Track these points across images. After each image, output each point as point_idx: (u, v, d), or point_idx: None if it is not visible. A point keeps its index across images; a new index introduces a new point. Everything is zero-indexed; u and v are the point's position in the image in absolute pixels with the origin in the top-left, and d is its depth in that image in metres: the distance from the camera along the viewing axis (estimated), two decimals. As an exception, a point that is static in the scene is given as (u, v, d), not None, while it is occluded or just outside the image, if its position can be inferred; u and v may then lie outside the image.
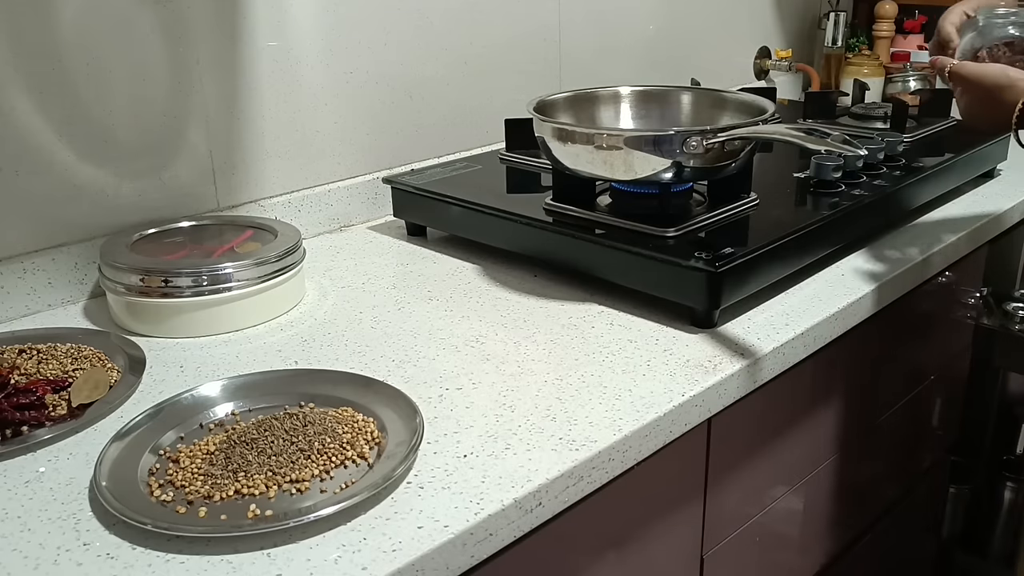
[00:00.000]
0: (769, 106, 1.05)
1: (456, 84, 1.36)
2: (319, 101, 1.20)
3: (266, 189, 1.17)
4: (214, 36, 1.08)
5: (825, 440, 1.10)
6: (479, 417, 0.75)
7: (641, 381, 0.81)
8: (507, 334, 0.91)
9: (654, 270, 0.92)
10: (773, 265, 0.96)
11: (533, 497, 0.67)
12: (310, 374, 0.82)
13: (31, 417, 0.75)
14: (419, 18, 1.28)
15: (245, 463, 0.68)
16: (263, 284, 0.94)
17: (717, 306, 0.90)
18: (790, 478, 1.06)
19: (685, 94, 1.18)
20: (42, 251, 0.99)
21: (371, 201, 1.27)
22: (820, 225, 1.01)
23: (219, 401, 0.78)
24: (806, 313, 0.93)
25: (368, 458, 0.69)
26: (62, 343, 0.87)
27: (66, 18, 0.96)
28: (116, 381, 0.82)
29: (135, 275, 0.92)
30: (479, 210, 1.08)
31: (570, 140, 0.99)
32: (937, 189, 1.23)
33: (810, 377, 1.00)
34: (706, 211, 1.02)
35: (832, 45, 1.88)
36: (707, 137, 0.93)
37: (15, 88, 0.94)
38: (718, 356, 0.85)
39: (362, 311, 0.97)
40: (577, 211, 1.03)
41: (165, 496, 0.65)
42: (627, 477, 0.76)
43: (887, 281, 1.02)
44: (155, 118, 1.05)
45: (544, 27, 1.46)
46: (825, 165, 1.11)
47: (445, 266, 1.09)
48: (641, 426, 0.74)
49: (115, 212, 1.04)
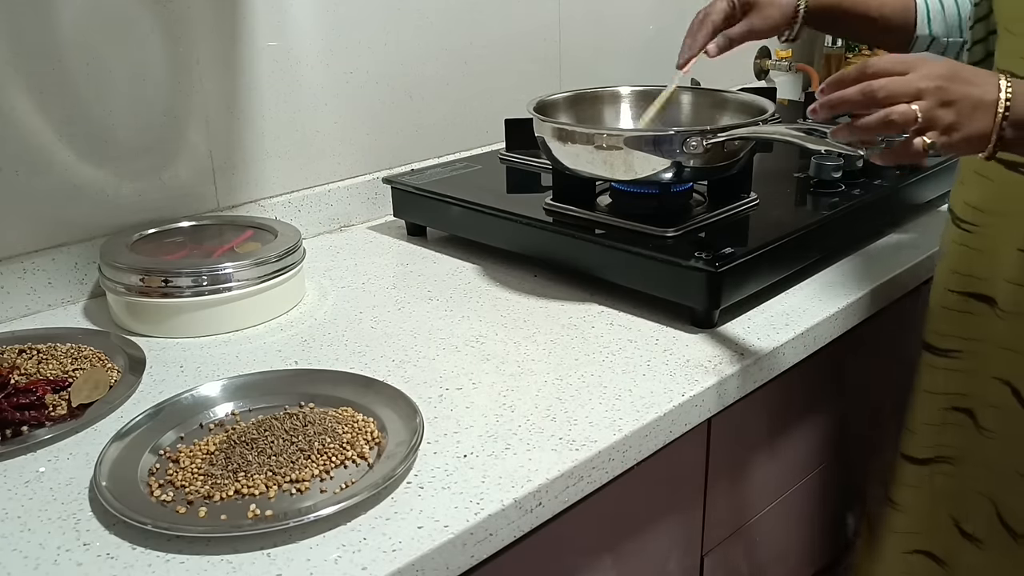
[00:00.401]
0: (769, 106, 1.05)
1: (456, 84, 1.36)
2: (319, 101, 1.20)
3: (266, 189, 1.17)
4: (214, 36, 1.08)
5: (825, 440, 1.10)
6: (479, 417, 0.75)
7: (641, 381, 0.81)
8: (507, 334, 0.90)
9: (654, 270, 0.92)
10: (773, 265, 0.96)
11: (533, 497, 0.67)
12: (310, 374, 0.82)
13: (31, 417, 0.75)
14: (419, 18, 1.28)
15: (245, 463, 0.68)
16: (263, 284, 0.94)
17: (717, 306, 0.90)
18: (790, 478, 1.06)
19: (685, 94, 1.18)
20: (42, 251, 0.99)
21: (371, 201, 1.27)
22: (820, 225, 1.01)
23: (219, 401, 0.78)
24: (806, 313, 0.93)
25: (368, 458, 0.69)
26: (62, 343, 0.87)
27: (66, 18, 0.96)
28: (116, 381, 0.82)
29: (135, 275, 0.92)
30: (479, 210, 1.08)
31: (570, 140, 0.99)
32: (937, 189, 1.23)
33: (810, 377, 1.00)
34: (706, 211, 1.02)
35: (832, 45, 1.88)
36: (707, 137, 0.93)
37: (15, 88, 0.94)
38: (718, 356, 0.85)
39: (362, 311, 0.97)
40: (577, 211, 1.03)
41: (165, 496, 0.65)
42: (627, 477, 0.76)
43: (887, 281, 1.02)
44: (155, 118, 1.05)
45: (544, 27, 1.46)
46: (825, 165, 1.11)
47: (445, 266, 1.09)
48: (641, 426, 0.74)
49: (115, 212, 1.04)
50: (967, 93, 0.68)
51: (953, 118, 0.68)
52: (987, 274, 0.90)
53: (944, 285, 0.96)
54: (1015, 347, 0.89)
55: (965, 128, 0.68)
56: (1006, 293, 0.88)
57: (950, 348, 0.96)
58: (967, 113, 0.68)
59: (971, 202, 0.91)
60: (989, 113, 0.68)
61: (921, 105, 0.67)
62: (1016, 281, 0.86)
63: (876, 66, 0.69)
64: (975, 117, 0.68)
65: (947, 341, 0.96)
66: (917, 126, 0.67)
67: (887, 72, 0.68)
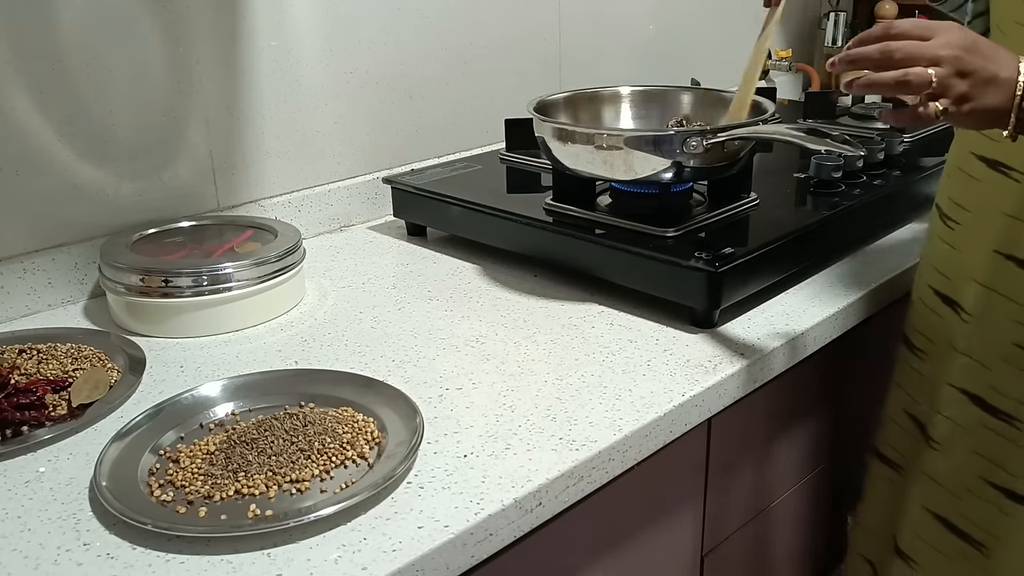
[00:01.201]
0: (769, 106, 1.05)
1: (456, 84, 1.36)
2: (319, 101, 1.20)
3: (266, 189, 1.17)
4: (214, 36, 1.08)
5: (825, 440, 1.10)
6: (479, 417, 0.75)
7: (641, 381, 0.81)
8: (507, 334, 0.91)
9: (654, 270, 0.92)
10: (773, 265, 0.96)
11: (533, 497, 0.67)
12: (310, 374, 0.82)
13: (31, 417, 0.75)
14: (419, 18, 1.28)
15: (245, 463, 0.68)
16: (263, 284, 0.94)
17: (717, 306, 0.90)
18: (790, 478, 1.06)
19: (685, 94, 1.18)
20: (42, 251, 0.99)
21: (371, 201, 1.27)
22: (820, 225, 1.01)
23: (219, 401, 0.78)
24: (806, 313, 0.93)
25: (368, 458, 0.69)
26: (62, 343, 0.87)
27: (66, 18, 0.96)
28: (116, 381, 0.82)
29: (135, 275, 0.92)
30: (479, 210, 1.08)
31: (570, 140, 0.99)
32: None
33: (810, 377, 1.00)
34: (706, 211, 1.02)
35: (832, 45, 1.88)
36: (707, 137, 0.93)
37: (15, 88, 0.94)
38: (718, 356, 0.85)
39: (362, 311, 0.97)
40: (577, 211, 1.03)
41: (165, 496, 0.65)
42: (627, 477, 0.76)
43: (887, 281, 1.02)
44: (155, 118, 1.05)
45: (544, 27, 1.46)
46: (825, 165, 1.11)
47: (445, 266, 1.09)
48: (641, 426, 0.74)
49: (115, 212, 1.04)
50: (983, 67, 0.68)
51: (966, 89, 0.68)
52: (958, 274, 0.89)
53: (926, 280, 0.95)
54: (974, 354, 0.87)
55: (977, 100, 0.69)
56: (973, 295, 0.87)
57: (918, 346, 0.96)
58: (980, 86, 0.68)
59: (954, 197, 0.90)
60: (1003, 90, 0.69)
61: (937, 71, 0.68)
62: (986, 283, 0.85)
63: (899, 27, 0.70)
64: (988, 92, 0.69)
65: (918, 338, 0.96)
66: (931, 91, 0.68)
67: (909, 35, 0.69)
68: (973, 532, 0.89)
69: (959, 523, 0.90)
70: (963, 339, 0.88)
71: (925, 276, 0.95)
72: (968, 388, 0.88)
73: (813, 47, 2.04)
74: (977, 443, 0.87)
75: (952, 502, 0.90)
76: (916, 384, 0.96)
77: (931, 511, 0.92)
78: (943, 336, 0.91)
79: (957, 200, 0.90)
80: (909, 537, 0.95)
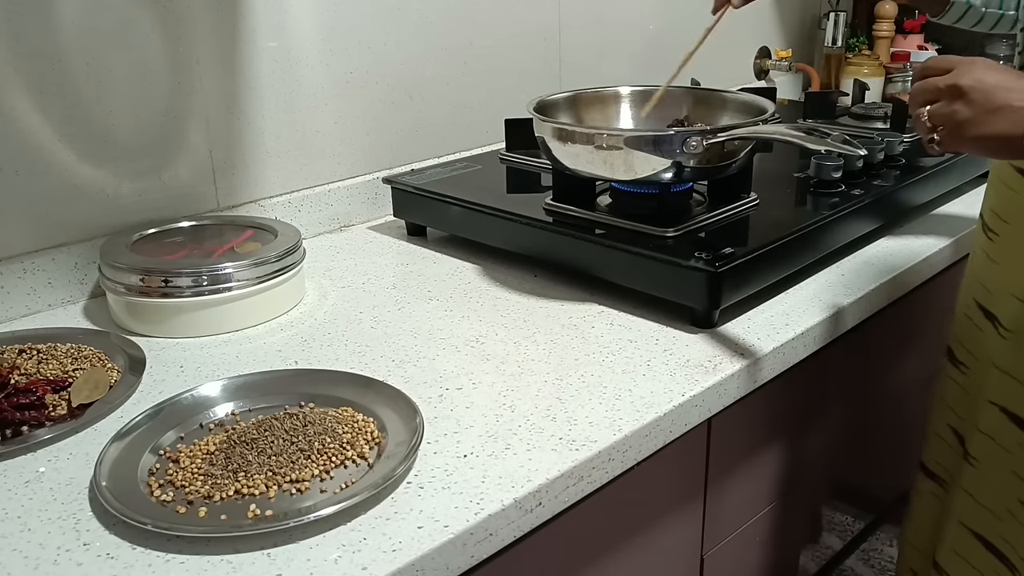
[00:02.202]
0: (769, 106, 1.05)
1: (456, 84, 1.36)
2: (319, 101, 1.20)
3: (266, 189, 1.17)
4: (214, 36, 1.08)
5: (825, 439, 1.10)
6: (479, 417, 0.75)
7: (641, 381, 0.81)
8: (507, 334, 0.90)
9: (654, 270, 0.92)
10: (773, 265, 0.96)
11: (533, 497, 0.67)
12: (310, 374, 0.82)
13: (31, 417, 0.75)
14: (419, 18, 1.28)
15: (245, 463, 0.68)
16: (263, 284, 0.94)
17: (717, 306, 0.90)
18: (790, 478, 1.06)
19: (685, 94, 1.18)
20: (42, 251, 0.99)
21: (371, 201, 1.27)
22: (820, 225, 1.01)
23: (219, 401, 0.78)
24: (806, 313, 0.93)
25: (368, 458, 0.69)
26: (62, 343, 0.87)
27: (66, 18, 0.96)
28: (116, 381, 0.82)
29: (135, 275, 0.92)
30: (479, 210, 1.08)
31: (570, 140, 0.99)
32: (937, 189, 1.23)
33: (810, 377, 1.00)
34: (706, 211, 1.02)
35: (832, 45, 1.88)
36: (707, 137, 0.93)
37: (15, 88, 0.94)
38: (718, 356, 0.85)
39: (362, 311, 0.97)
40: (577, 211, 1.03)
41: (165, 496, 0.65)
42: (627, 477, 0.76)
43: (887, 281, 1.02)
44: (155, 118, 1.05)
45: (544, 27, 1.46)
46: (825, 165, 1.11)
47: (445, 266, 1.09)
48: (641, 426, 0.74)
49: (115, 212, 1.04)
50: (990, 96, 0.68)
51: (969, 115, 0.69)
52: (998, 287, 0.89)
53: (970, 292, 0.94)
54: (1012, 371, 0.86)
55: (982, 128, 0.68)
56: (1012, 309, 0.86)
57: (960, 360, 0.95)
58: (987, 114, 0.68)
59: (995, 209, 0.90)
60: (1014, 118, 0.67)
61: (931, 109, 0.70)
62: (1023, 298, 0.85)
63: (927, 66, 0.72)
64: (995, 119, 0.68)
65: (960, 351, 0.96)
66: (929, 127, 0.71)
67: (933, 71, 0.71)
68: (1010, 555, 0.88)
69: (998, 544, 0.89)
70: (1002, 355, 0.88)
71: (969, 288, 0.95)
72: (1008, 407, 0.87)
73: (813, 47, 2.04)
74: (1017, 464, 0.86)
75: (992, 523, 0.90)
76: (958, 398, 0.95)
77: (969, 528, 0.92)
78: (984, 350, 0.91)
79: (997, 211, 0.89)
80: (947, 552, 0.95)
